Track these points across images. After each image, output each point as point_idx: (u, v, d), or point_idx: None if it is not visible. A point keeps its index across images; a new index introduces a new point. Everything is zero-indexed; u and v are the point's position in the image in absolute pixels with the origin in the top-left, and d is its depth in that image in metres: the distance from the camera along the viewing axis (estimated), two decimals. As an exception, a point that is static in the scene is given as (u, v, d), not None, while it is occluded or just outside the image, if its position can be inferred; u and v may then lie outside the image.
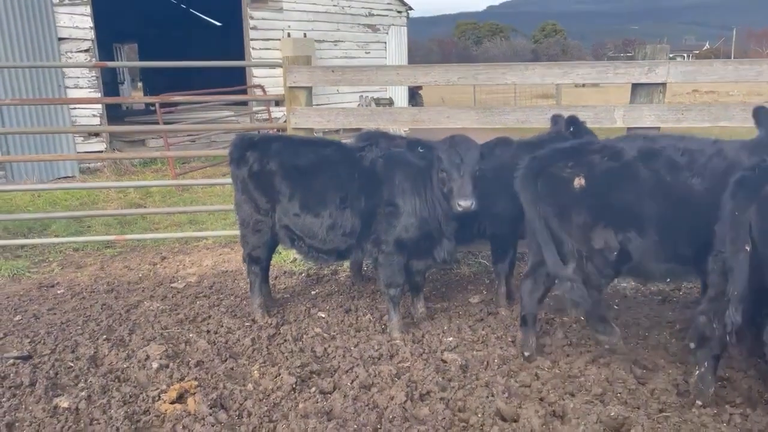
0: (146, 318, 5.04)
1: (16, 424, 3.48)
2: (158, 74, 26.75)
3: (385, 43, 19.95)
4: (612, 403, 3.50)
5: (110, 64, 11.58)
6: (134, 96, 29.49)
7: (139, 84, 36.53)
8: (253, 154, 4.73)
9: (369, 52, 19.30)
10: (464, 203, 3.95)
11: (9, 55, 10.77)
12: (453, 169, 4.05)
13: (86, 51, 11.85)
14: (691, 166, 3.60)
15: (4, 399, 3.72)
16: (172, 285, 5.93)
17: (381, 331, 4.69)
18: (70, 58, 11.59)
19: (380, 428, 3.37)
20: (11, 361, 4.18)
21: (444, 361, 4.15)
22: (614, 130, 5.36)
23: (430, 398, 3.66)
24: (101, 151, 12.27)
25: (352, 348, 4.37)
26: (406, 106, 19.97)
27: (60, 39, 11.57)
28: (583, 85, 38.52)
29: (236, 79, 16.89)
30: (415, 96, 23.75)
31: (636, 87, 5.64)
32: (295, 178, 4.60)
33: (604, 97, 29.57)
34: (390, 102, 19.31)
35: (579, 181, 3.65)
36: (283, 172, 4.62)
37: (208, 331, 4.73)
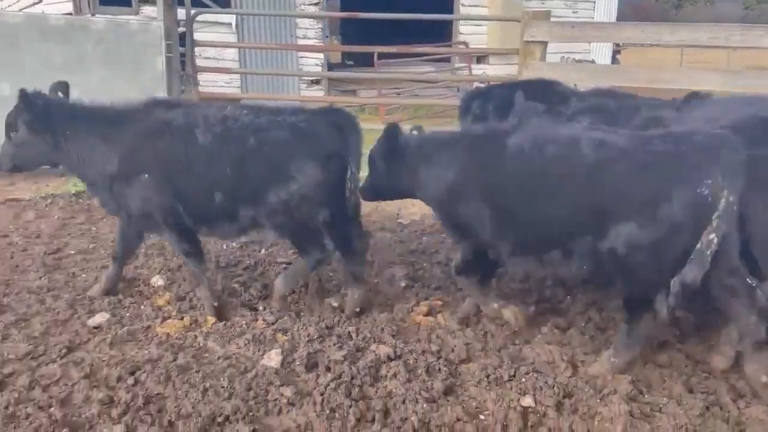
0: (383, 245, 5.63)
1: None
2: (358, 28, 28.01)
3: (594, 2, 19.08)
4: None
5: (336, 14, 12.43)
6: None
7: (332, 38, 38.20)
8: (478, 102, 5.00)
9: (576, 12, 18.61)
10: None
11: (253, 4, 12.10)
12: None
13: (316, 4, 12.89)
14: None
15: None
16: (398, 221, 6.50)
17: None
18: (303, 10, 12.71)
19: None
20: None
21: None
22: None
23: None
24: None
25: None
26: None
27: (295, -9, 12.76)
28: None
29: (437, 35, 17.25)
30: (614, 60, 22.54)
31: None
32: None
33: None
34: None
35: None
36: None
37: (439, 262, 5.19)
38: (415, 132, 4.03)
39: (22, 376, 3.30)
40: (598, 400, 3.17)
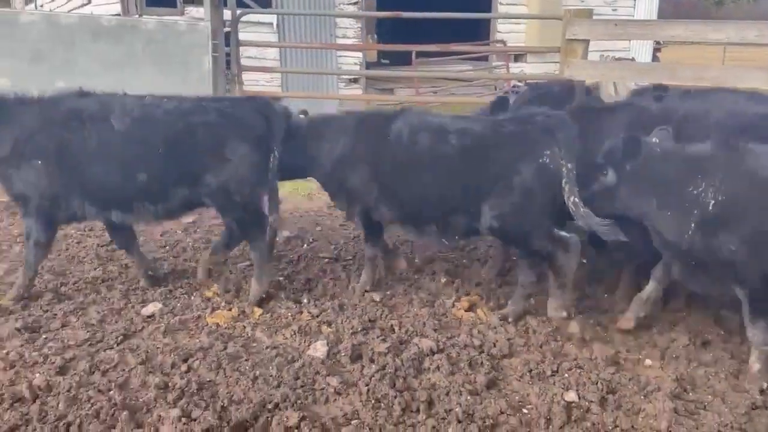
0: (423, 242, 5.69)
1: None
2: (393, 27, 28.04)
3: (635, 0, 18.78)
4: None
5: (380, 14, 12.50)
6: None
7: (368, 37, 38.32)
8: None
9: (616, 10, 18.35)
10: None
11: (294, 5, 12.28)
12: None
13: (355, 4, 13.02)
14: None
15: (330, 286, 4.58)
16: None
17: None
18: (342, 10, 12.84)
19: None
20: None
21: None
22: None
23: None
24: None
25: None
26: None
27: (335, -8, 12.90)
28: None
29: (473, 34, 17.19)
30: (654, 59, 22.13)
31: None
32: None
33: None
34: (633, 63, 18.29)
35: None
36: None
37: (478, 260, 5.24)
38: (301, 116, 4.40)
39: (82, 361, 3.46)
40: (643, 397, 3.19)
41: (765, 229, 3.16)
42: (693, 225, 3.27)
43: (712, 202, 3.22)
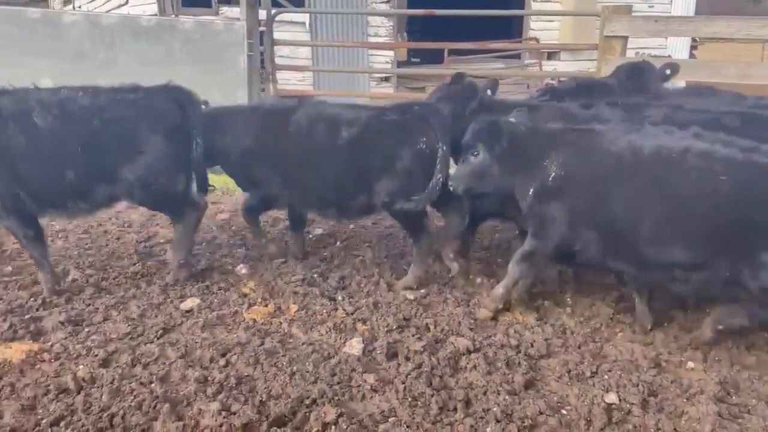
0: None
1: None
2: (423, 25, 28.01)
3: (672, -4, 18.42)
4: None
5: (413, 12, 12.45)
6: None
7: (398, 36, 38.32)
8: None
9: (652, 6, 18.02)
10: None
11: (326, 4, 12.33)
12: None
13: (387, 2, 13.02)
14: None
15: (364, 283, 4.60)
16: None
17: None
18: (374, 9, 12.85)
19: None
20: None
21: None
22: None
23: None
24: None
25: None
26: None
27: (367, -9, 12.93)
28: None
29: (504, 32, 17.02)
30: (690, 57, 21.66)
31: None
32: None
33: None
34: (669, 61, 17.93)
35: None
36: None
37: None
38: (203, 106, 4.58)
39: (124, 354, 3.53)
40: (685, 400, 3.14)
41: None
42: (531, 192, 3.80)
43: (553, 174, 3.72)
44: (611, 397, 3.13)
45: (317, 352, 3.60)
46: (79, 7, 17.09)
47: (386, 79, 13.47)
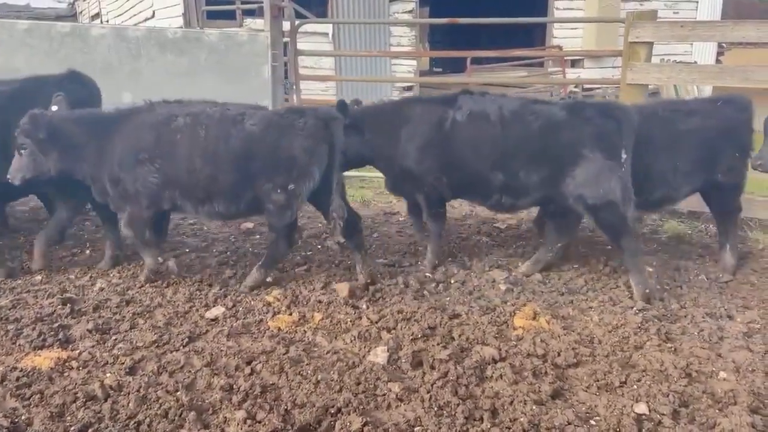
0: (479, 249, 5.64)
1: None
2: (445, 35, 28.10)
3: (697, 2, 18.20)
4: None
5: (436, 21, 12.50)
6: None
7: (420, 45, 38.41)
8: None
9: (677, 12, 17.82)
10: None
11: (349, 14, 12.43)
12: None
13: (410, 12, 13.07)
14: None
15: (388, 292, 4.58)
16: (495, 225, 6.48)
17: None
18: (396, 18, 12.92)
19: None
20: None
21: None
22: None
23: None
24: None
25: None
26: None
27: (390, 0, 12.97)
28: None
29: (527, 40, 16.96)
30: (717, 62, 21.34)
31: None
32: None
33: None
34: (695, 67, 17.69)
35: None
36: None
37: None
38: (54, 108, 4.68)
39: (150, 362, 3.56)
40: (718, 411, 3.06)
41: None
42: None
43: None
44: (641, 408, 3.07)
45: (342, 360, 3.59)
46: (107, 21, 17.43)
47: (409, 88, 13.50)
